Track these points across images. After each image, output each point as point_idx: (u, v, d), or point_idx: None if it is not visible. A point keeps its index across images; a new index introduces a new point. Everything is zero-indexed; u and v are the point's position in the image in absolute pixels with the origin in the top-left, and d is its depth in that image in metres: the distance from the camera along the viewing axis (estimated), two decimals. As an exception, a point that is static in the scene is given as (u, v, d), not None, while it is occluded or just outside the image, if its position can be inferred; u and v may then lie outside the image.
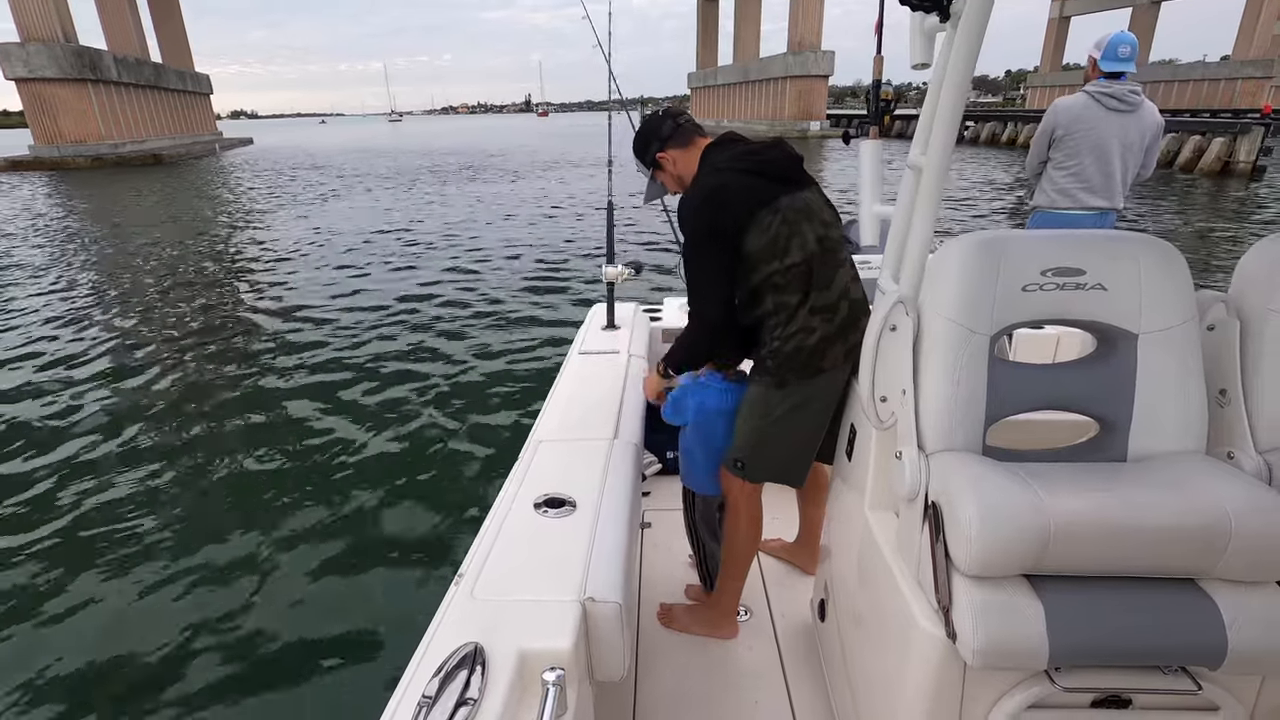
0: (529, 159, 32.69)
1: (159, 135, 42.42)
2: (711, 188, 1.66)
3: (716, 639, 1.99)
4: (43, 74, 33.13)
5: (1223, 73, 40.76)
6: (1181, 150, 21.90)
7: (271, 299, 8.61)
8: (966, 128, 35.20)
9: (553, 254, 11.04)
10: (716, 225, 1.63)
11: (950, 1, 1.16)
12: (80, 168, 32.91)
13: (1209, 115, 26.66)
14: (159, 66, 44.94)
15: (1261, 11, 37.18)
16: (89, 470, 4.37)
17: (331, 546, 3.53)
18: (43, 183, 26.45)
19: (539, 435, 1.90)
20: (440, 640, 1.12)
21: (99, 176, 29.05)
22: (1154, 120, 3.25)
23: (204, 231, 13.97)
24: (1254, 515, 0.98)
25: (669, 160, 1.82)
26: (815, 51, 42.70)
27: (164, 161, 35.75)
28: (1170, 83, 44.18)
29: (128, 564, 3.43)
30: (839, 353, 1.67)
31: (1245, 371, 1.20)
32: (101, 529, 3.73)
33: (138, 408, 5.29)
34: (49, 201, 20.42)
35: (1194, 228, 12.77)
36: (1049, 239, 1.26)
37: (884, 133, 1.62)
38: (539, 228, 13.66)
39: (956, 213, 14.54)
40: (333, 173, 27.93)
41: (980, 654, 1.01)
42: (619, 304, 2.90)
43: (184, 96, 48.71)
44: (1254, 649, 0.99)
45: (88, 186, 24.38)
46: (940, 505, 1.10)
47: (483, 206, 17.05)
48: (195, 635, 2.95)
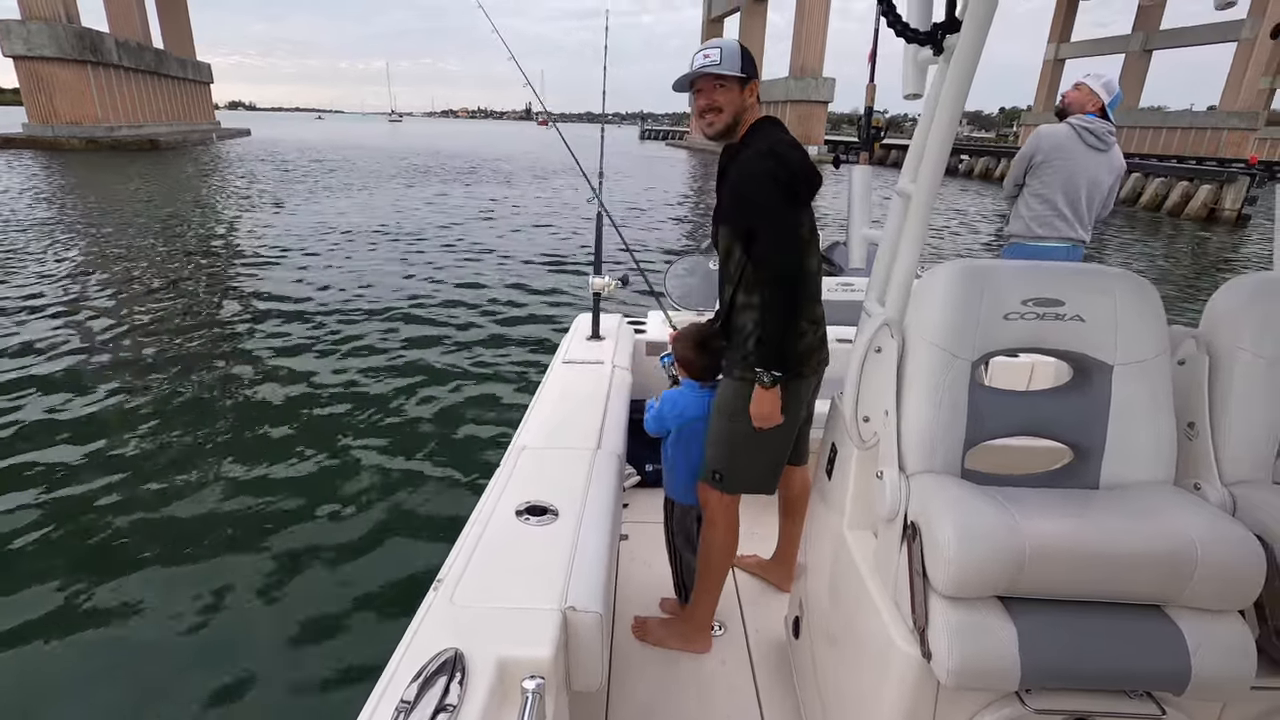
0: (529, 164, 32.75)
1: (157, 121, 42.10)
2: (798, 156, 1.64)
3: (690, 653, 1.99)
4: (42, 53, 32.79)
5: (1209, 122, 41.80)
6: (1169, 194, 22.39)
7: (257, 297, 8.49)
8: (961, 161, 35.80)
9: (540, 261, 11.02)
10: (795, 186, 1.62)
11: (943, 36, 1.20)
12: (74, 149, 32.54)
13: (1195, 162, 27.29)
14: (160, 53, 44.67)
15: (1249, 66, 38.28)
16: (52, 470, 4.22)
17: (309, 548, 3.48)
18: (34, 162, 26.10)
19: (521, 442, 1.90)
20: (419, 645, 1.11)
21: (94, 158, 28.74)
22: (1120, 163, 3.37)
23: (187, 222, 13.72)
24: (1218, 546, 1.01)
25: (751, 91, 1.71)
26: (817, 78, 43.30)
27: (160, 147, 35.46)
28: (1159, 129, 45.19)
29: (100, 567, 3.34)
30: (815, 361, 1.74)
31: (1213, 406, 1.24)
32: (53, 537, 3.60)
33: (100, 416, 5.08)
34: (39, 180, 20.14)
35: (1184, 268, 13.04)
36: (1030, 269, 1.29)
37: (873, 159, 1.66)
38: (529, 234, 13.64)
39: (943, 241, 14.74)
40: (330, 168, 27.78)
41: (955, 674, 1.02)
42: (604, 315, 2.91)
43: (184, 84, 48.41)
44: (1216, 676, 1.02)
45: (81, 168, 24.09)
46: (919, 526, 1.12)
47: (475, 210, 17.03)
48: (168, 634, 2.89)
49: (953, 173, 36.07)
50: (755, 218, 1.62)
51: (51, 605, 3.05)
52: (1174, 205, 21.95)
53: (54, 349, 6.27)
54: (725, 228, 1.74)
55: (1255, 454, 1.21)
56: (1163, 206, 22.43)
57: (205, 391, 5.48)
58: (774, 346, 1.63)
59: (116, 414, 4.99)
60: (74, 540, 3.52)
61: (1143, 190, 23.83)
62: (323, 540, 3.55)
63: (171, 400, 5.26)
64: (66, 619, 2.98)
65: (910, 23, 1.25)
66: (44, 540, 3.51)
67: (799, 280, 1.62)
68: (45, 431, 4.68)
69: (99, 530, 3.60)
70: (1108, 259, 13.57)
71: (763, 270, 1.61)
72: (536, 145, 51.79)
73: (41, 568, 3.30)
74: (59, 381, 5.53)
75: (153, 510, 3.81)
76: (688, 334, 1.94)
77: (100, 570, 3.28)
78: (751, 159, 1.64)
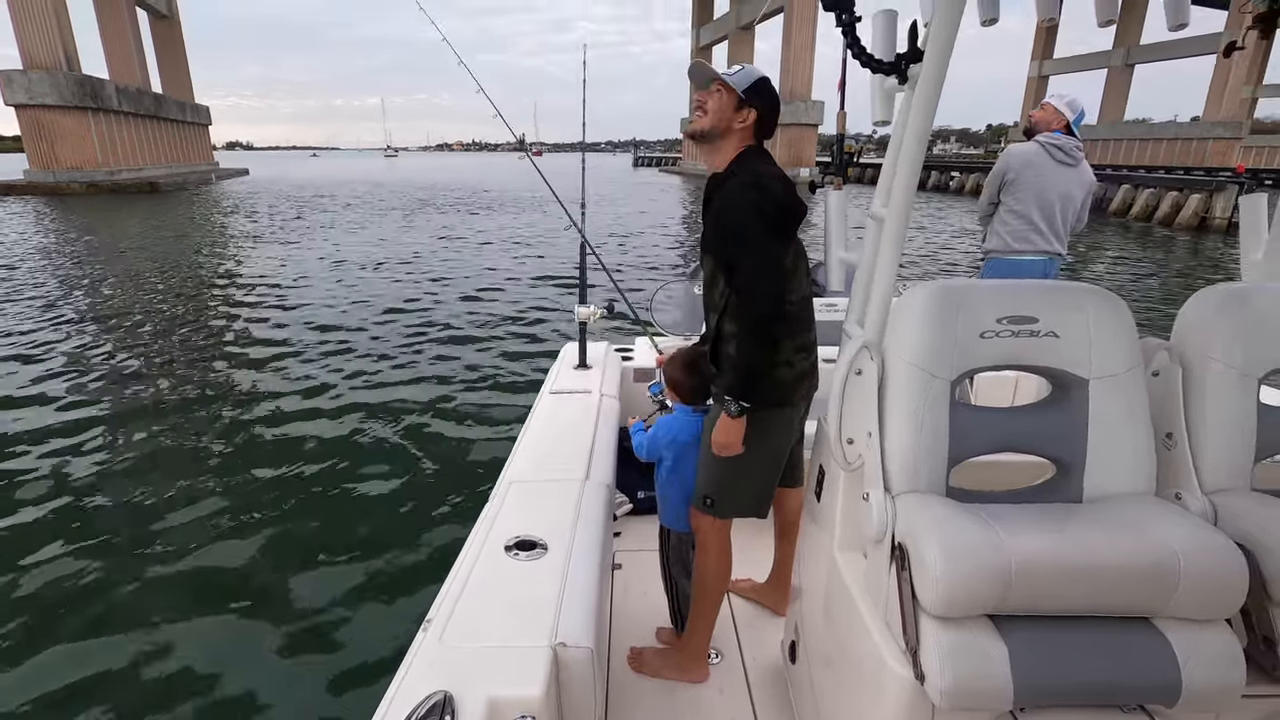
0: (522, 195, 33.07)
1: (156, 164, 42.63)
2: (782, 188, 1.63)
3: (688, 683, 1.96)
4: (43, 101, 33.35)
5: (1195, 132, 42.46)
6: (1160, 205, 22.61)
7: (249, 332, 8.50)
8: (952, 178, 36.22)
9: (528, 290, 11.07)
10: (779, 218, 1.61)
11: (907, 65, 1.24)
12: (75, 193, 32.91)
13: (1183, 172, 27.62)
14: (159, 97, 45.46)
15: (1230, 77, 38.98)
16: (59, 502, 4.25)
17: (296, 589, 3.42)
18: (35, 207, 26.40)
19: (510, 476, 1.89)
20: (408, 688, 1.10)
21: (95, 202, 29.04)
22: (1090, 177, 3.46)
23: (180, 262, 13.79)
24: (1201, 555, 1.02)
25: (733, 116, 1.70)
26: (806, 101, 44.03)
27: (160, 190, 35.83)
28: (1145, 140, 45.84)
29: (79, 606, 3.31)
30: (805, 389, 1.74)
31: (1189, 416, 1.25)
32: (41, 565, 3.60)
33: (97, 456, 5.11)
34: (41, 225, 20.36)
35: (1183, 278, 13.14)
36: (1003, 288, 1.31)
37: (847, 182, 1.69)
38: (518, 262, 13.74)
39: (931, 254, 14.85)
40: (328, 205, 28.07)
41: (948, 695, 1.02)
42: (591, 343, 2.92)
43: (183, 127, 49.18)
44: (1207, 687, 1.01)
45: (82, 213, 24.35)
46: (906, 546, 1.12)
47: (464, 240, 17.20)
48: (148, 675, 2.84)
49: (944, 190, 36.51)
50: (737, 248, 1.61)
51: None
52: (1165, 215, 22.15)
53: (66, 380, 6.30)
54: (709, 256, 1.75)
55: (1233, 462, 1.22)
56: (1153, 216, 22.63)
57: (191, 427, 5.47)
58: (744, 377, 1.61)
59: (99, 449, 4.98)
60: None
61: (1133, 202, 24.08)
62: (312, 581, 3.49)
63: (158, 439, 5.25)
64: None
65: (875, 54, 1.29)
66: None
67: (777, 312, 1.61)
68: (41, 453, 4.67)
69: (72, 577, 3.54)
70: (1117, 271, 13.69)
71: (743, 300, 1.61)
72: (529, 176, 52.14)
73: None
74: (67, 407, 5.55)
75: (127, 549, 3.76)
76: (677, 356, 1.95)
77: (82, 609, 3.25)
78: (735, 189, 1.65)
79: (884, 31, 1.28)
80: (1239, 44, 1.54)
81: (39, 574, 3.54)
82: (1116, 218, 24.14)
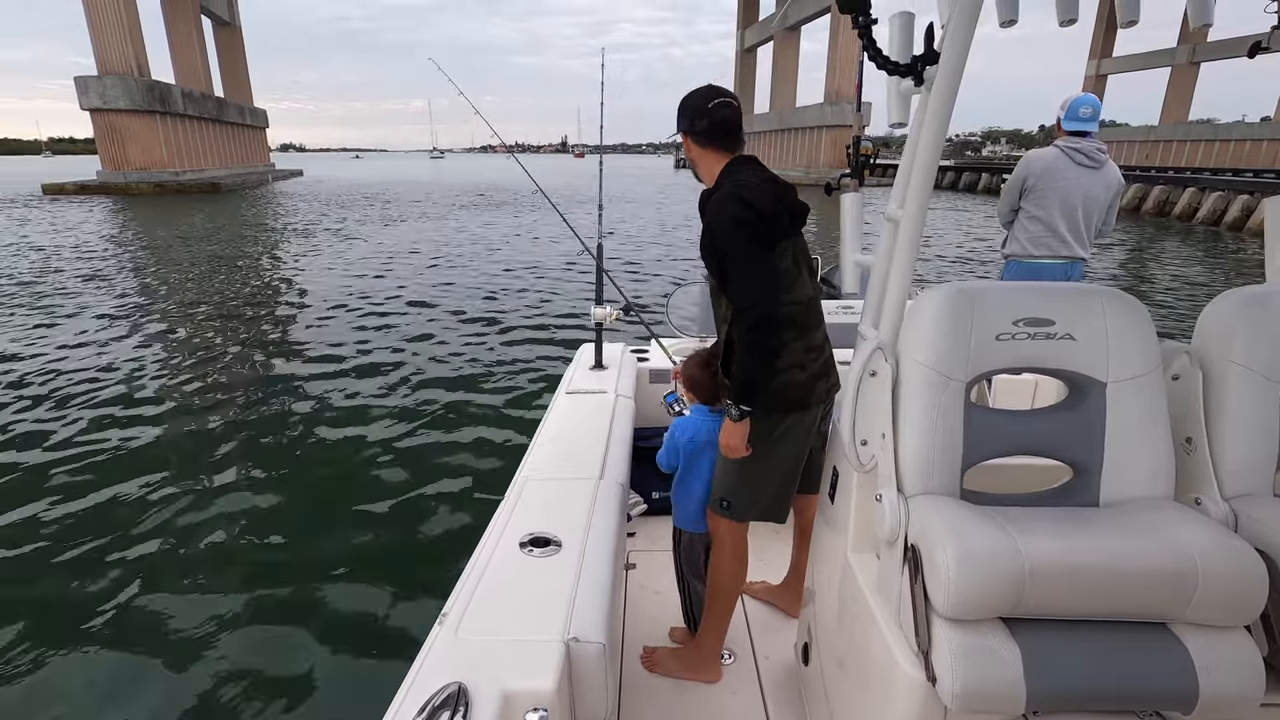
0: (563, 194, 33.36)
1: (218, 165, 44.65)
2: (754, 196, 1.63)
3: (700, 683, 1.97)
4: (116, 105, 35.27)
5: (1264, 133, 40.21)
6: (1228, 209, 21.53)
7: (289, 333, 8.64)
8: (1003, 180, 35.04)
9: (548, 290, 11.08)
10: (759, 226, 1.61)
11: (923, 67, 1.23)
12: (143, 193, 34.72)
13: (1253, 174, 26.17)
14: (221, 101, 47.62)
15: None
16: (79, 497, 4.35)
17: (315, 582, 3.47)
18: (108, 206, 27.88)
19: (525, 474, 1.92)
20: (424, 679, 1.13)
21: (162, 201, 30.52)
22: (1116, 179, 3.37)
23: (226, 264, 14.06)
24: (1220, 561, 0.99)
25: (688, 146, 1.81)
26: (851, 101, 43.37)
27: (221, 190, 37.44)
28: (1211, 141, 43.65)
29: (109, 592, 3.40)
30: (822, 390, 1.73)
31: (1209, 420, 1.22)
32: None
33: (134, 449, 5.19)
34: (117, 221, 21.52)
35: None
36: (1020, 290, 1.29)
37: (864, 183, 1.68)
38: (540, 263, 13.85)
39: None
40: (378, 205, 28.80)
41: (959, 698, 1.01)
42: (607, 344, 2.94)
43: (242, 130, 51.39)
44: (1224, 695, 0.99)
45: (153, 210, 25.65)
46: (919, 548, 1.11)
47: (497, 238, 17.56)
48: (175, 665, 2.91)
49: (994, 192, 35.45)
50: (724, 261, 1.63)
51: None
52: (1234, 219, 21.03)
53: (127, 371, 6.71)
54: (709, 270, 1.78)
55: (1254, 467, 1.18)
56: (1221, 221, 21.52)
57: (227, 415, 5.69)
58: (744, 383, 1.63)
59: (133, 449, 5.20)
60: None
61: (1199, 205, 22.95)
62: (331, 574, 3.54)
63: (182, 427, 5.47)
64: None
65: (891, 56, 1.29)
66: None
67: (772, 319, 1.60)
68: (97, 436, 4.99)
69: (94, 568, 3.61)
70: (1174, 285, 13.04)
71: (736, 311, 1.62)
72: (570, 175, 52.77)
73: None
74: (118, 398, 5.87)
75: (150, 536, 3.86)
76: (696, 355, 1.97)
77: (109, 593, 3.37)
78: (715, 203, 1.68)
79: (901, 33, 1.28)
80: (1264, 45, 1.46)
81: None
82: (1179, 221, 23.03)
